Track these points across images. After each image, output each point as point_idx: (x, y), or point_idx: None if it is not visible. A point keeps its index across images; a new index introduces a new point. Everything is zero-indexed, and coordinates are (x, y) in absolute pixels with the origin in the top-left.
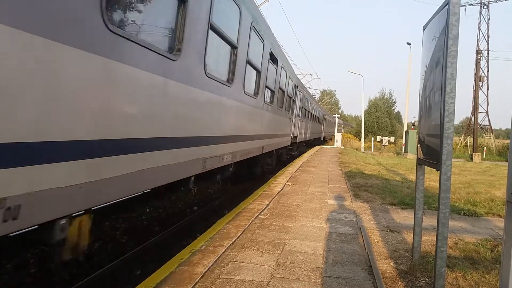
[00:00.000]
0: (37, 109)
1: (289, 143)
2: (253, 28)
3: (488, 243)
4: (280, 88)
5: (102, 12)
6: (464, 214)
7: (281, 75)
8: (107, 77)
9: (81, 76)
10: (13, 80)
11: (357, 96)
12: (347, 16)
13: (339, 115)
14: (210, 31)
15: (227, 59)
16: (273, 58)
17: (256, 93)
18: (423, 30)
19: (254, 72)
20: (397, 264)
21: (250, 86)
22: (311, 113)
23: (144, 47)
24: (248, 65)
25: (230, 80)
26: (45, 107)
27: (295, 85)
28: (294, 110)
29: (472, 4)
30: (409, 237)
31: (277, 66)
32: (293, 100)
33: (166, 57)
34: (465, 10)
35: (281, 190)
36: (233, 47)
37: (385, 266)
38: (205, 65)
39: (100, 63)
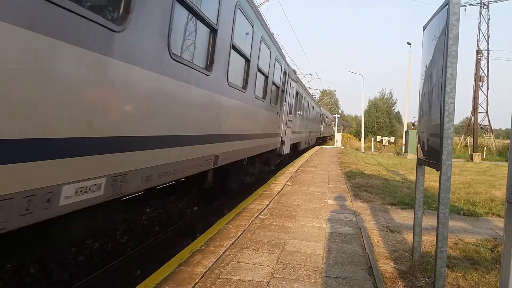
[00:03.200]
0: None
1: None
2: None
3: (488, 243)
4: None
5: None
6: (464, 214)
7: None
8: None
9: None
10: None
11: (357, 96)
12: (347, 16)
13: (339, 115)
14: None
15: None
16: None
17: None
18: (423, 30)
19: None
20: (397, 264)
21: None
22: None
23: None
24: None
25: None
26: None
27: None
28: None
29: (472, 4)
30: (409, 237)
31: None
32: None
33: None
34: (465, 10)
35: (281, 190)
36: None
37: (385, 266)
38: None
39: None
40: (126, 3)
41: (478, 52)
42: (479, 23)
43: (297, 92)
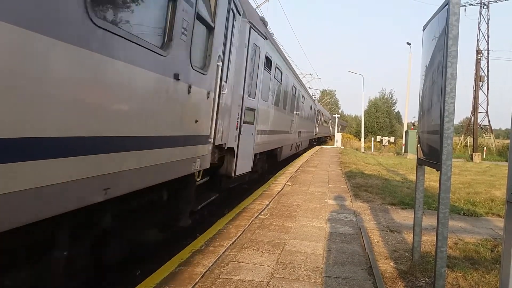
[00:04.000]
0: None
1: None
2: None
3: (488, 243)
4: None
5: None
6: (464, 214)
7: None
8: None
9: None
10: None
11: (357, 96)
12: (347, 16)
13: (339, 115)
14: None
15: None
16: None
17: None
18: (423, 30)
19: None
20: (397, 264)
21: None
22: None
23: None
24: None
25: None
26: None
27: None
28: None
29: (472, 4)
30: (409, 237)
31: None
32: None
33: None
34: (465, 10)
35: (281, 190)
36: None
37: (385, 266)
38: None
39: None
40: None
41: (478, 52)
42: (479, 23)
43: (267, 59)
